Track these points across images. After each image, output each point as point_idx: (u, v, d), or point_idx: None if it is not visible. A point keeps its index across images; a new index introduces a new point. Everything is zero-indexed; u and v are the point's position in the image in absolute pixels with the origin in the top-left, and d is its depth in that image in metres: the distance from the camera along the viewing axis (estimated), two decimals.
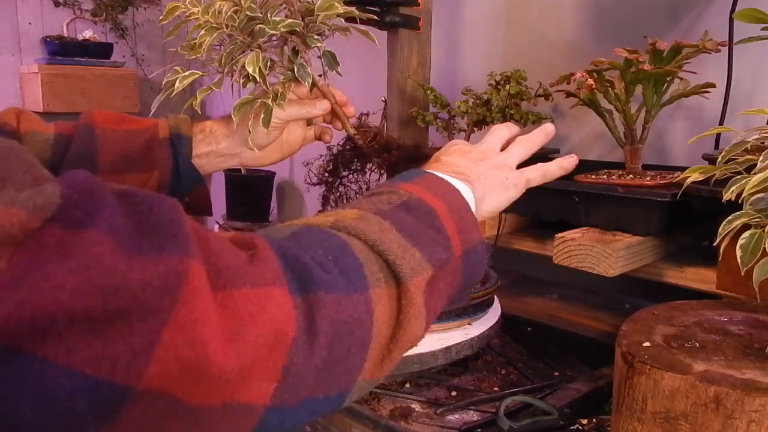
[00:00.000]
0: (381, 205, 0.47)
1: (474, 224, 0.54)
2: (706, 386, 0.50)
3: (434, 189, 0.52)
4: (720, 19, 1.00)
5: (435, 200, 0.50)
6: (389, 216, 0.45)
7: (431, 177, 0.56)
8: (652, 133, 0.99)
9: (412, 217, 0.47)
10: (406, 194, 0.50)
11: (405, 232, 0.44)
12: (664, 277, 0.90)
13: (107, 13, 2.44)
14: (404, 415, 0.77)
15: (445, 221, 0.49)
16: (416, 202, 0.49)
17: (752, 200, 0.57)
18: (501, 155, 0.68)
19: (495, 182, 0.63)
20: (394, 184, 0.52)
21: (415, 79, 1.36)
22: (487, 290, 0.93)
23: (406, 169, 0.65)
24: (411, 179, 0.53)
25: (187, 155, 0.78)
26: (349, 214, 0.44)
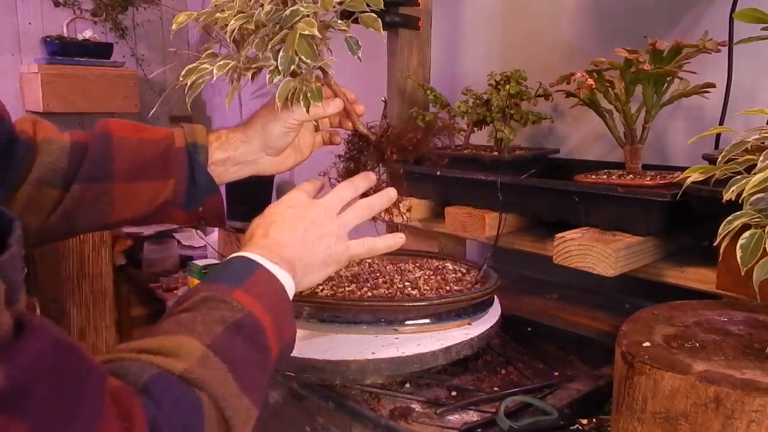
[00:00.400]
0: (215, 327, 0.53)
1: (290, 321, 0.62)
2: (706, 386, 0.50)
3: (262, 296, 0.59)
4: (720, 19, 1.00)
5: (263, 313, 0.57)
6: (225, 349, 0.52)
7: (260, 276, 0.61)
8: (652, 133, 0.99)
9: (242, 341, 0.54)
10: (238, 308, 0.56)
11: (239, 373, 0.52)
12: (664, 277, 0.90)
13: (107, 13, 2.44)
14: (404, 415, 0.77)
15: (270, 336, 0.57)
16: (247, 319, 0.56)
17: (752, 200, 0.57)
18: (333, 224, 0.71)
19: (316, 261, 0.69)
20: (227, 289, 0.57)
21: (415, 79, 1.36)
22: (487, 290, 0.93)
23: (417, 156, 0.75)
24: (242, 282, 0.59)
25: (203, 164, 0.78)
26: (194, 352, 0.50)
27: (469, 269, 1.05)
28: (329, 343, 0.84)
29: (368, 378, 0.83)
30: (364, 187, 0.77)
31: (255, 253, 0.63)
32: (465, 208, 1.12)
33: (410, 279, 0.98)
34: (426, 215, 1.24)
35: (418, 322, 0.87)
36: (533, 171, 1.05)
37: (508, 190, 1.02)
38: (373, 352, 0.81)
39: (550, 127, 1.34)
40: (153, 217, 0.79)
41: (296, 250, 0.67)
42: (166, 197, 0.76)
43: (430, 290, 0.94)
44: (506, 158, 1.10)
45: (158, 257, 2.40)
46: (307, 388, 0.86)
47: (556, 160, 1.23)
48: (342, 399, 0.82)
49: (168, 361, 0.48)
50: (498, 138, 1.14)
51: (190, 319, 0.54)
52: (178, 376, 0.48)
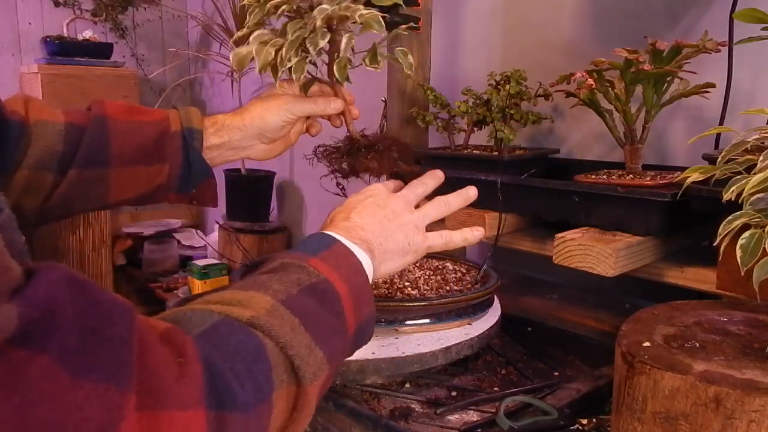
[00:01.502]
0: (290, 288, 0.52)
1: (369, 299, 0.60)
2: (706, 386, 0.50)
3: (339, 267, 0.58)
4: (720, 19, 1.00)
5: (339, 282, 0.56)
6: (298, 306, 0.50)
7: (338, 249, 0.61)
8: (652, 133, 0.99)
9: (317, 303, 0.53)
10: (314, 274, 0.55)
11: (311, 328, 0.50)
12: (664, 277, 0.90)
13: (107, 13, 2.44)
14: (404, 415, 0.77)
15: (345, 304, 0.55)
16: (323, 284, 0.54)
17: (752, 200, 0.57)
18: (412, 215, 0.71)
19: (395, 248, 0.68)
20: (304, 256, 0.57)
21: (415, 79, 1.36)
22: (487, 290, 0.93)
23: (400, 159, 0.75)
24: (320, 252, 0.58)
25: (198, 149, 0.78)
26: (263, 304, 0.48)
27: (469, 269, 1.05)
28: None
29: (368, 378, 0.83)
30: (433, 185, 0.78)
31: (334, 232, 0.63)
32: (465, 208, 1.12)
33: (410, 279, 0.98)
34: None
35: (418, 322, 0.87)
36: (533, 171, 1.05)
37: (508, 190, 1.02)
38: (373, 352, 0.81)
39: (550, 127, 1.34)
40: (148, 199, 0.80)
41: (376, 234, 0.66)
42: (161, 181, 0.77)
43: (430, 290, 0.94)
44: (506, 158, 1.10)
45: (158, 257, 2.41)
46: None
47: (556, 160, 1.23)
48: (342, 399, 0.82)
49: (235, 309, 0.46)
50: (498, 138, 1.14)
51: (267, 279, 0.53)
52: (243, 323, 0.46)
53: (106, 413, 0.32)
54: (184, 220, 2.75)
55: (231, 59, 0.75)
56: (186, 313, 0.45)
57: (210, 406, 0.38)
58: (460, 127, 1.26)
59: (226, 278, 1.69)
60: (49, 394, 0.30)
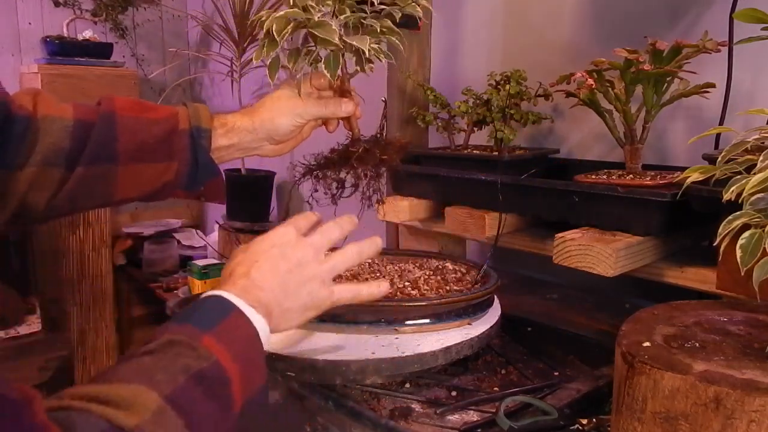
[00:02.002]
0: (177, 377, 0.51)
1: (261, 369, 0.60)
2: (706, 386, 0.50)
3: (232, 343, 0.57)
4: (720, 19, 1.00)
5: (230, 363, 0.55)
6: (183, 402, 0.50)
7: (233, 320, 0.60)
8: (652, 133, 0.99)
9: (203, 394, 0.52)
10: (204, 356, 0.54)
11: (194, 428, 0.50)
12: (664, 277, 0.90)
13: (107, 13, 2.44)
14: (404, 415, 0.77)
15: (234, 388, 0.55)
16: (212, 370, 0.54)
17: (752, 200, 0.57)
18: (319, 268, 0.69)
19: (296, 305, 0.67)
20: (196, 333, 0.55)
21: (415, 79, 1.36)
22: (487, 290, 0.93)
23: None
24: (215, 325, 0.57)
25: (206, 148, 0.78)
26: (150, 404, 0.47)
27: (469, 269, 1.05)
28: (329, 343, 0.84)
29: (368, 378, 0.83)
30: (348, 228, 0.74)
31: (232, 294, 0.62)
32: (465, 208, 1.12)
33: (410, 279, 0.98)
34: (426, 215, 1.24)
35: (418, 322, 0.87)
36: (533, 171, 1.05)
37: (508, 190, 1.02)
38: (373, 352, 0.81)
39: (550, 127, 1.34)
40: (155, 196, 0.80)
41: (276, 294, 0.65)
42: (168, 179, 0.77)
43: (430, 290, 0.94)
44: (506, 158, 1.10)
45: (158, 257, 2.41)
46: (307, 388, 0.86)
47: (556, 160, 1.23)
48: (342, 399, 0.82)
49: (119, 414, 0.46)
50: (498, 138, 1.14)
51: (152, 365, 0.51)
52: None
53: None
54: (184, 220, 2.75)
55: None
56: (71, 416, 0.45)
57: None
58: (460, 127, 1.26)
59: None
60: None
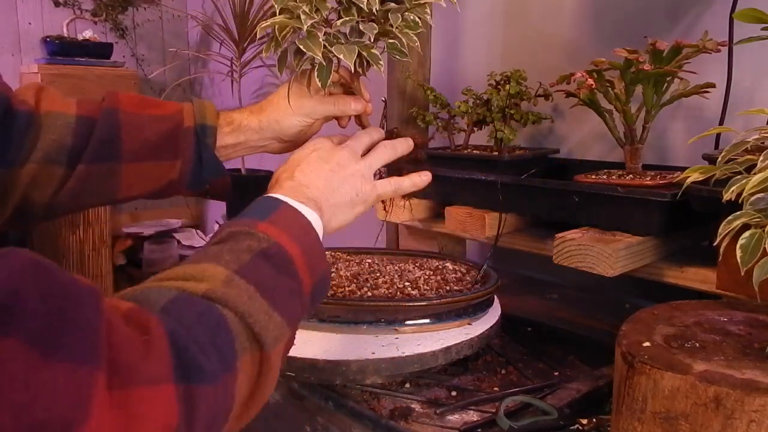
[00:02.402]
0: (242, 256, 0.52)
1: (321, 255, 0.60)
2: (706, 386, 0.50)
3: (289, 228, 0.58)
4: (720, 19, 1.00)
5: (290, 243, 0.56)
6: (252, 274, 0.50)
7: (285, 211, 0.60)
8: (652, 133, 0.99)
9: (271, 268, 0.53)
10: (264, 239, 0.54)
11: (267, 294, 0.50)
12: (664, 277, 0.90)
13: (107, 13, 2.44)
14: (404, 415, 0.77)
15: (299, 265, 0.55)
16: (274, 248, 0.54)
17: (752, 200, 0.57)
18: (358, 165, 0.70)
19: (343, 201, 0.67)
20: (252, 222, 0.56)
21: (415, 79, 1.36)
22: (487, 290, 0.93)
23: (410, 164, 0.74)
24: (267, 216, 0.58)
25: (211, 146, 0.77)
26: (218, 276, 0.48)
27: (469, 269, 1.05)
28: (329, 343, 0.84)
29: (368, 378, 0.83)
30: (378, 136, 0.75)
31: (280, 194, 0.62)
32: (465, 208, 1.12)
33: (410, 279, 0.98)
34: (426, 215, 1.24)
35: (418, 322, 0.87)
36: (533, 171, 1.05)
37: (508, 190, 1.02)
38: (373, 352, 0.81)
39: (550, 127, 1.34)
40: (159, 194, 0.79)
41: (322, 190, 0.65)
42: (172, 177, 0.76)
43: (430, 290, 0.94)
44: (506, 158, 1.10)
45: (158, 257, 2.41)
46: (307, 388, 0.86)
47: (556, 160, 1.23)
48: (342, 399, 0.82)
49: (190, 284, 0.47)
50: (498, 138, 1.14)
51: (217, 250, 0.52)
52: (200, 296, 0.46)
53: (76, 392, 0.32)
54: (184, 220, 2.75)
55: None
56: (143, 291, 0.45)
57: (178, 379, 0.39)
58: (460, 127, 1.26)
59: None
60: (18, 375, 0.30)
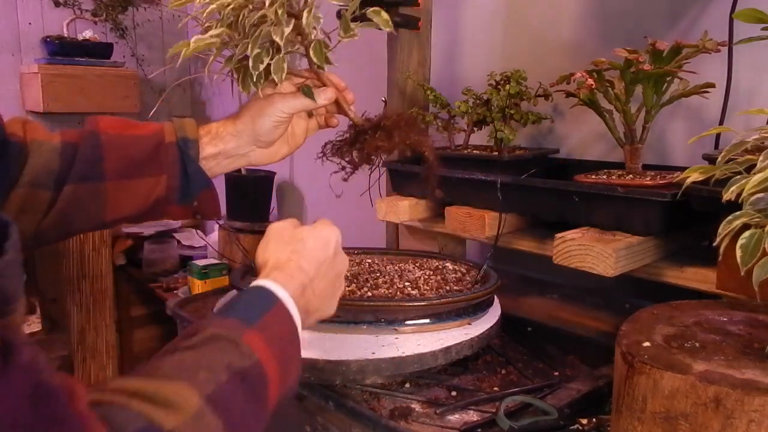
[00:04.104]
0: (220, 375, 0.51)
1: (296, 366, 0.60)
2: (706, 386, 0.50)
3: (275, 340, 0.57)
4: (720, 19, 1.00)
5: (271, 362, 0.55)
6: (223, 402, 0.50)
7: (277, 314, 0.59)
8: (652, 133, 0.99)
9: (244, 394, 0.52)
10: (247, 355, 0.53)
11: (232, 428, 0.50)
12: (664, 277, 0.90)
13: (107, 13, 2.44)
14: (404, 415, 0.77)
15: (272, 387, 0.55)
16: (253, 370, 0.54)
17: (752, 200, 0.57)
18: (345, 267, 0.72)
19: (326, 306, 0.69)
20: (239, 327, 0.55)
21: (415, 79, 1.36)
22: (487, 290, 0.93)
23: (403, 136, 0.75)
24: (258, 319, 0.57)
25: (194, 158, 0.77)
26: (190, 407, 0.47)
27: (469, 269, 1.05)
28: (329, 343, 0.84)
29: (368, 378, 0.83)
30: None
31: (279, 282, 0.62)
32: (465, 208, 1.12)
33: (410, 279, 0.98)
34: (426, 215, 1.24)
35: (418, 322, 0.87)
36: (533, 171, 1.05)
37: (508, 190, 1.02)
38: (373, 352, 0.81)
39: (550, 127, 1.34)
40: (148, 214, 0.78)
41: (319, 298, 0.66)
42: (159, 194, 0.76)
43: (430, 290, 0.94)
44: (506, 158, 1.10)
45: (158, 257, 2.40)
46: (307, 388, 0.86)
47: (556, 160, 1.23)
48: (342, 399, 0.82)
49: (159, 413, 0.45)
50: (498, 138, 1.14)
51: (195, 362, 0.51)
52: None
53: None
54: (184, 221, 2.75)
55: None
56: (112, 410, 0.44)
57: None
58: (460, 127, 1.26)
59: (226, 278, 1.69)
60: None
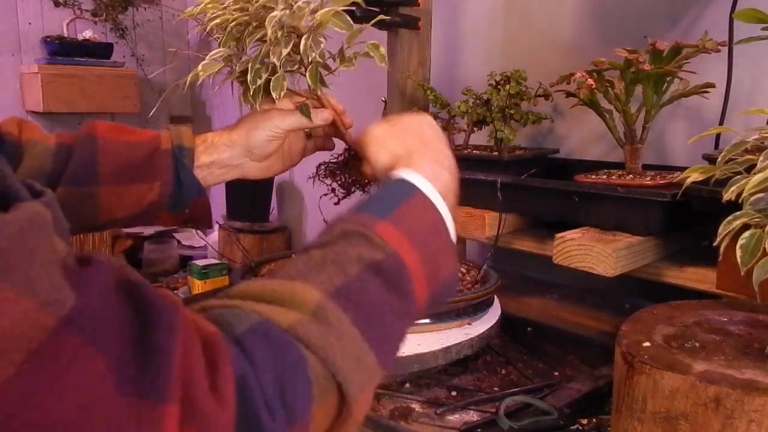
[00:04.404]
0: (349, 268, 0.46)
1: (448, 258, 0.54)
2: (706, 386, 0.50)
3: (414, 231, 0.51)
4: (720, 19, 1.00)
5: (411, 253, 0.49)
6: (353, 296, 0.45)
7: (416, 204, 0.54)
8: (652, 133, 0.99)
9: (380, 287, 0.47)
10: (380, 246, 0.48)
11: (365, 325, 0.44)
12: (664, 277, 0.90)
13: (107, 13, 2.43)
14: (404, 415, 0.77)
15: (416, 280, 0.49)
16: (388, 261, 0.48)
17: (752, 200, 0.57)
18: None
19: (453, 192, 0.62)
20: (371, 220, 0.50)
21: (415, 79, 1.36)
22: (487, 290, 0.93)
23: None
24: (393, 210, 0.52)
25: (189, 166, 0.77)
26: (309, 303, 0.43)
27: (469, 269, 1.05)
28: None
29: None
30: None
31: (418, 174, 0.56)
32: (465, 208, 1.12)
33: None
34: None
35: (418, 322, 0.87)
36: (533, 171, 1.05)
37: (508, 190, 1.02)
38: None
39: (550, 127, 1.34)
40: (139, 219, 0.78)
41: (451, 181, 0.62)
42: (151, 199, 0.76)
43: None
44: (506, 158, 1.10)
45: (158, 257, 2.40)
46: None
47: (556, 160, 1.23)
48: None
49: (275, 310, 0.42)
50: (498, 138, 1.14)
51: (320, 258, 0.47)
52: (283, 330, 0.41)
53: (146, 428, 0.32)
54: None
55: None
56: (223, 312, 0.42)
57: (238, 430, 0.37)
58: (460, 127, 1.26)
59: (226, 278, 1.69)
60: (92, 395, 0.30)
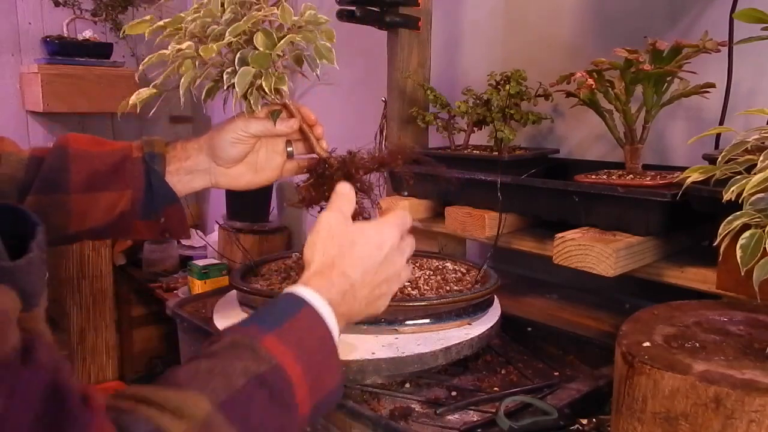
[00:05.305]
0: (235, 381, 0.49)
1: (332, 370, 0.57)
2: (706, 386, 0.50)
3: (299, 345, 0.54)
4: (720, 19, 1.00)
5: (294, 365, 0.52)
6: (239, 408, 0.48)
7: (303, 319, 0.57)
8: (652, 133, 0.99)
9: (264, 399, 0.50)
10: (265, 359, 0.51)
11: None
12: (664, 277, 0.90)
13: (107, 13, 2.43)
14: (404, 415, 0.77)
15: (299, 391, 0.52)
16: (272, 373, 0.51)
17: (752, 200, 0.57)
18: (403, 267, 0.68)
19: (371, 309, 0.65)
20: (258, 333, 0.53)
21: (415, 79, 1.36)
22: (487, 290, 0.93)
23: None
24: (280, 324, 0.54)
25: (160, 173, 0.77)
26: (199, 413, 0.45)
27: (469, 269, 1.05)
28: None
29: (368, 378, 0.83)
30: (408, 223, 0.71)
31: (311, 288, 0.59)
32: (465, 208, 1.12)
33: (410, 279, 0.98)
34: (426, 215, 1.24)
35: (418, 322, 0.87)
36: (533, 171, 1.05)
37: (508, 190, 1.02)
38: (373, 352, 0.81)
39: (550, 127, 1.34)
40: (113, 229, 0.78)
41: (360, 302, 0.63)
42: (123, 207, 0.76)
43: (430, 290, 0.94)
44: (506, 158, 1.10)
45: (158, 257, 2.40)
46: None
47: (556, 160, 1.23)
48: (342, 399, 0.82)
49: (166, 419, 0.44)
50: (498, 138, 1.14)
51: (209, 369, 0.50)
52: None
53: None
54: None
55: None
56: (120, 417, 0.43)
57: None
58: (460, 127, 1.26)
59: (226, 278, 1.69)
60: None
